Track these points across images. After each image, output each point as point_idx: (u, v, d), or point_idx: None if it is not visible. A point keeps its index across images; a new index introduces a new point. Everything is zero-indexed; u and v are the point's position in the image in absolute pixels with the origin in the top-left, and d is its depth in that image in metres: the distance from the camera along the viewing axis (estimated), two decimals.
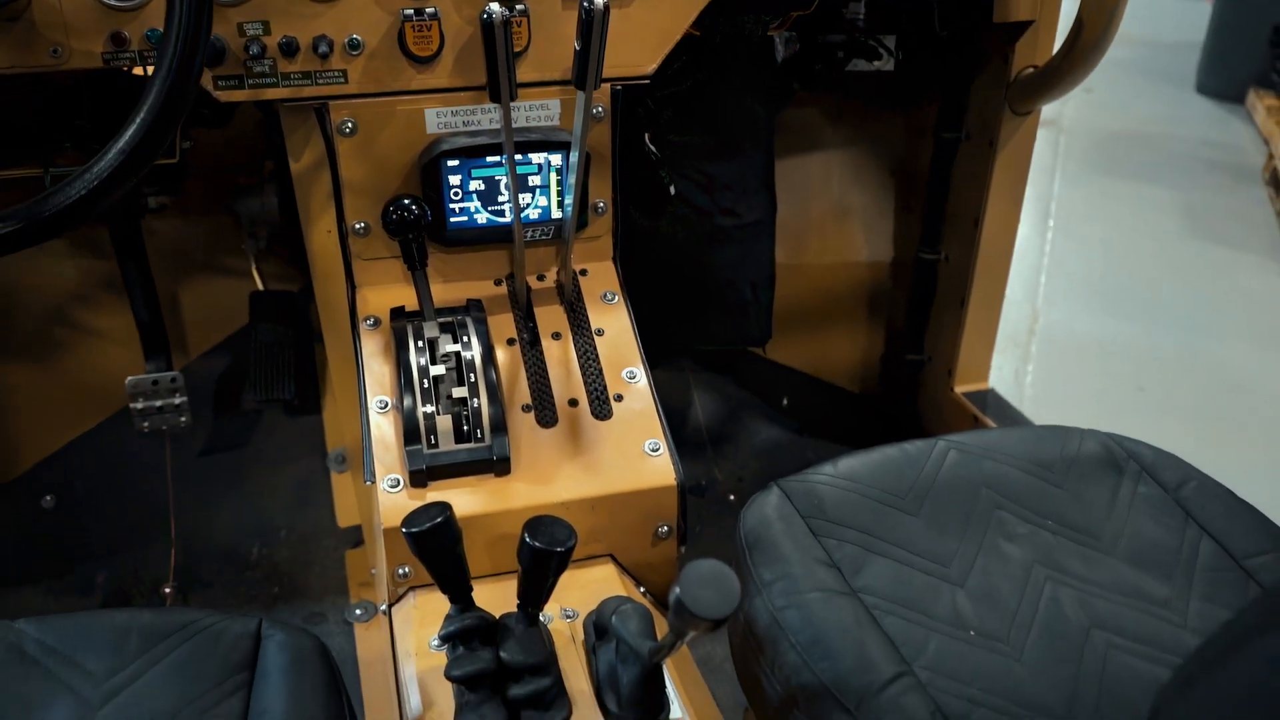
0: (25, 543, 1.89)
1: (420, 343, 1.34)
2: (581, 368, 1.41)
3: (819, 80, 1.89)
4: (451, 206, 1.41)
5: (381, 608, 1.34)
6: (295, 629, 1.07)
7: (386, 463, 1.29)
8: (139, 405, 1.78)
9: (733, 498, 2.05)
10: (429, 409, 1.29)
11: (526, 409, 1.35)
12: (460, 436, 1.29)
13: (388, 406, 1.34)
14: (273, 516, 1.93)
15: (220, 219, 1.91)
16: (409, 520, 1.02)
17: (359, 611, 1.75)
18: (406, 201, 1.39)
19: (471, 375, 1.32)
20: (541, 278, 1.51)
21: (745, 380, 2.23)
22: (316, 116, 1.37)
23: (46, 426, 1.92)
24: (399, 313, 1.41)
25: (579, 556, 1.13)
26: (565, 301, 1.48)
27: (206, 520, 1.92)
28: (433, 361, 1.32)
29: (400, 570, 1.26)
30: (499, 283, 1.49)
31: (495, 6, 1.18)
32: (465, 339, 1.35)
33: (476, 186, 1.41)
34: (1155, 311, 3.29)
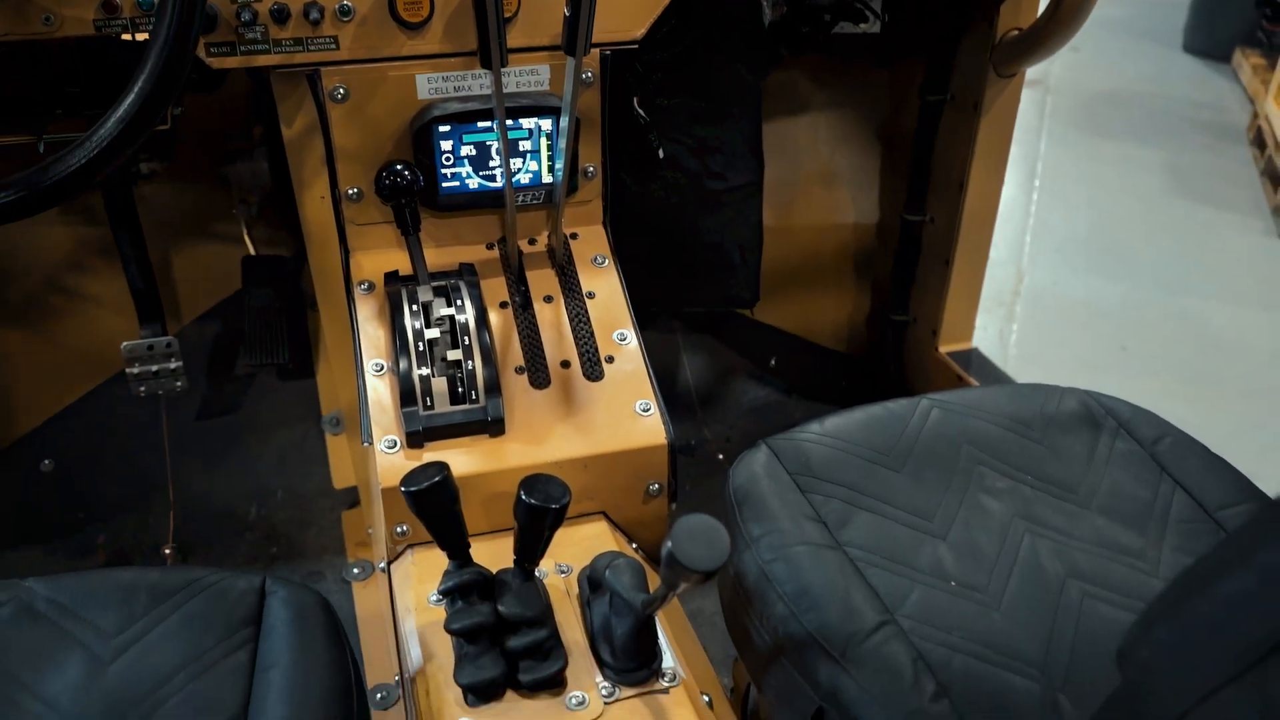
0: (25, 506, 1.91)
1: (415, 306, 1.36)
2: (573, 330, 1.43)
3: (805, 43, 1.90)
4: (443, 172, 1.43)
5: (380, 565, 1.38)
6: (298, 585, 1.11)
7: (383, 424, 1.32)
8: (135, 370, 1.80)
9: (721, 457, 2.09)
10: (424, 371, 1.32)
11: (519, 371, 1.38)
12: (455, 398, 1.32)
13: (383, 369, 1.37)
14: (269, 478, 1.96)
15: (211, 185, 1.92)
16: (408, 479, 1.04)
17: (356, 570, 1.79)
18: (399, 167, 1.41)
19: (465, 338, 1.34)
20: (533, 242, 1.53)
21: (733, 341, 2.26)
22: (308, 83, 1.38)
23: (43, 391, 1.94)
24: (393, 277, 1.43)
25: (572, 514, 1.16)
26: (556, 265, 1.50)
27: (204, 482, 1.95)
28: (427, 325, 1.35)
29: (398, 529, 1.29)
30: (491, 247, 1.51)
31: None
32: (459, 302, 1.37)
33: (468, 152, 1.43)
34: (1139, 271, 3.33)
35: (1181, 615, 0.63)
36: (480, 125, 1.41)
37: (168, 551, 1.87)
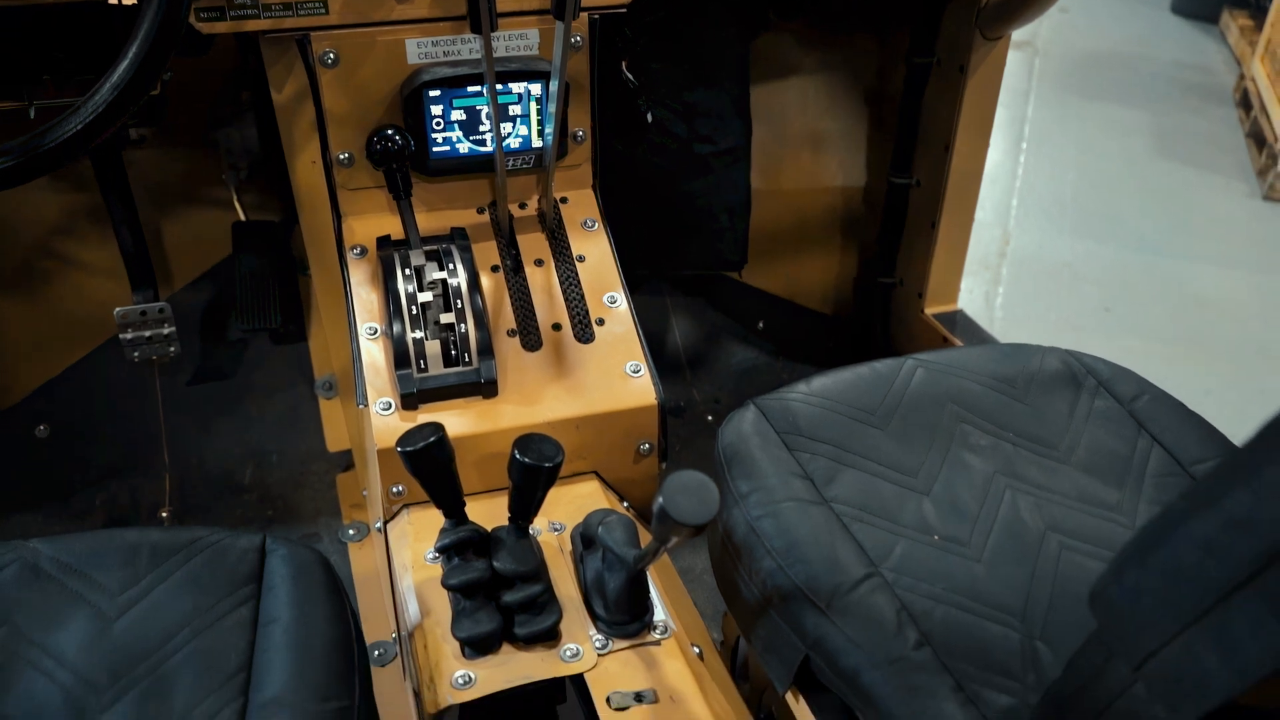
0: (21, 471, 1.93)
1: (407, 270, 1.37)
2: (564, 293, 1.45)
3: (794, 7, 1.91)
4: (434, 136, 1.44)
5: (376, 525, 1.40)
6: (297, 543, 1.13)
7: (378, 386, 1.34)
8: (128, 336, 1.81)
9: (710, 418, 2.12)
10: (418, 334, 1.34)
11: (511, 333, 1.40)
12: (448, 360, 1.34)
13: (377, 333, 1.39)
14: (264, 442, 1.98)
15: (199, 151, 1.92)
16: (404, 440, 1.07)
17: (352, 531, 1.82)
18: (390, 132, 1.42)
19: (458, 301, 1.36)
20: (523, 206, 1.54)
21: (721, 304, 2.28)
22: (298, 48, 1.39)
23: (36, 358, 1.95)
24: (385, 241, 1.44)
25: (565, 474, 1.18)
26: (547, 229, 1.52)
27: (199, 447, 1.97)
28: (420, 288, 1.36)
29: (394, 489, 1.32)
30: (481, 211, 1.53)
31: None
32: (451, 266, 1.38)
33: (458, 116, 1.44)
34: (1124, 233, 3.35)
35: (1149, 560, 0.66)
36: (470, 90, 1.42)
37: (165, 514, 1.89)
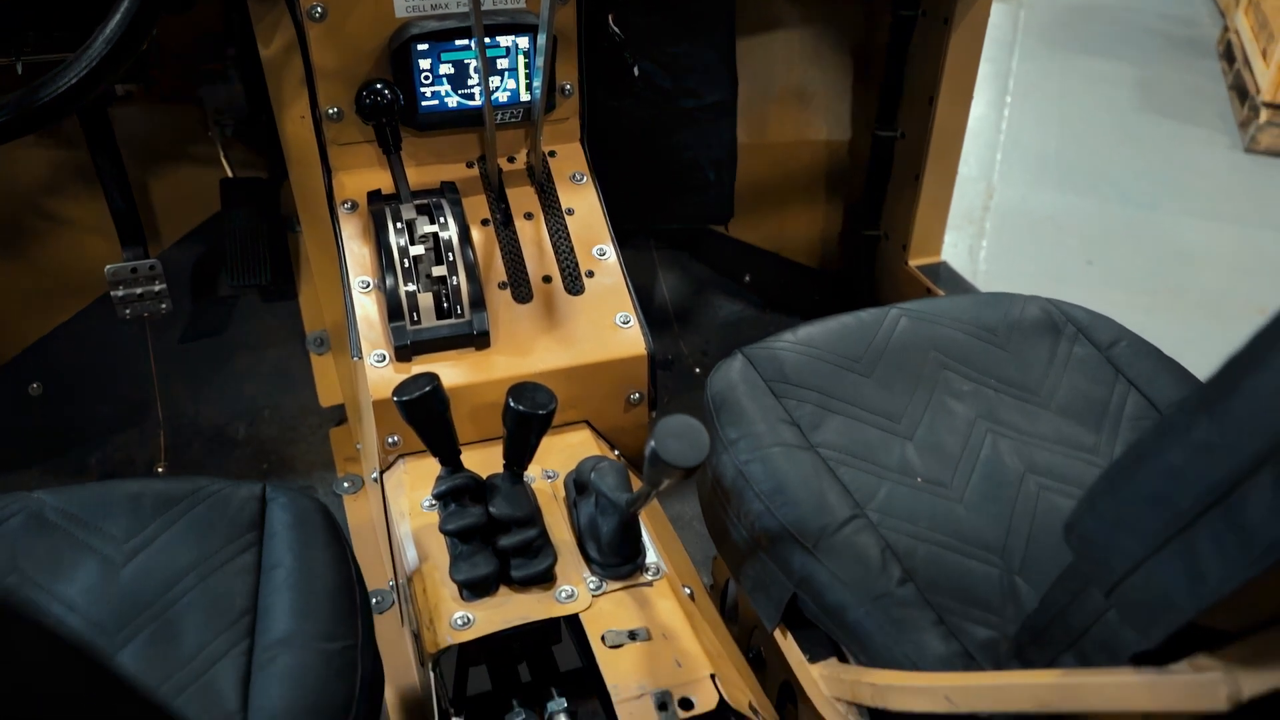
0: (15, 430, 1.94)
1: (399, 224, 1.39)
2: (554, 246, 1.47)
3: None
4: (422, 90, 1.45)
5: (372, 476, 1.43)
6: (297, 492, 1.16)
7: (371, 339, 1.36)
8: (120, 293, 1.82)
9: (698, 370, 2.15)
10: (410, 287, 1.35)
11: (502, 286, 1.42)
12: (441, 313, 1.36)
13: (370, 286, 1.40)
14: (256, 398, 2.00)
15: (185, 107, 1.92)
16: (399, 390, 1.09)
17: (346, 484, 1.84)
18: (379, 86, 1.42)
19: (450, 254, 1.37)
20: (512, 160, 1.55)
21: (708, 258, 2.30)
22: (285, 2, 1.39)
23: (27, 316, 1.96)
24: (376, 196, 1.46)
25: (557, 423, 1.20)
26: (536, 182, 1.53)
27: (192, 402, 1.98)
28: (411, 242, 1.38)
29: (390, 439, 1.34)
30: (470, 165, 1.54)
31: None
32: (442, 220, 1.40)
33: (446, 70, 1.44)
34: (1107, 186, 3.38)
35: (1120, 490, 0.70)
36: (458, 43, 1.43)
37: (160, 470, 1.91)
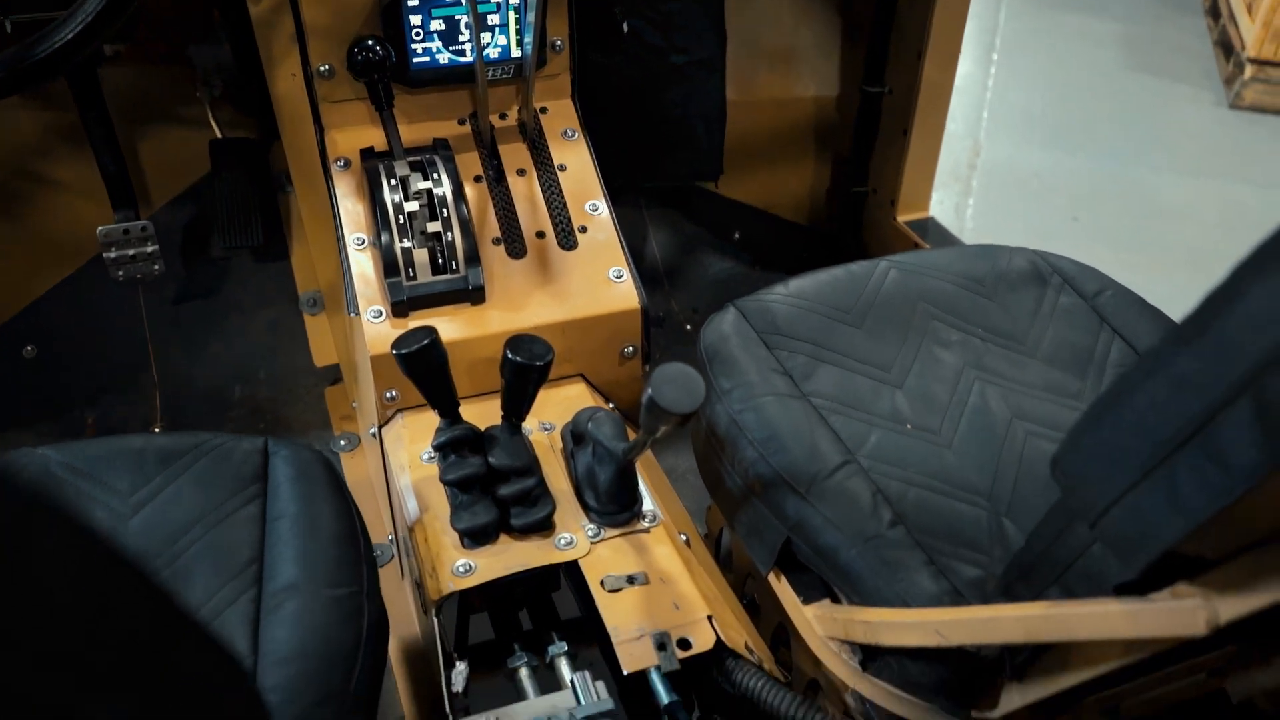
0: (10, 392, 1.95)
1: (393, 181, 1.40)
2: (546, 201, 1.48)
3: None
4: (414, 47, 1.45)
5: (370, 431, 1.45)
6: (298, 444, 1.18)
7: (368, 296, 1.37)
8: (112, 255, 1.82)
9: (689, 327, 2.17)
10: (405, 244, 1.37)
11: (496, 242, 1.43)
12: (436, 269, 1.37)
13: (365, 243, 1.41)
14: (251, 358, 2.01)
15: (172, 68, 1.91)
16: (399, 343, 1.11)
17: (343, 442, 1.86)
18: (370, 42, 1.43)
19: (444, 210, 1.39)
20: (503, 116, 1.56)
21: (698, 216, 2.31)
22: None
23: (19, 279, 1.96)
24: (369, 153, 1.46)
25: (552, 377, 1.23)
26: (528, 139, 1.54)
27: (186, 364, 1.99)
28: (406, 198, 1.39)
29: (388, 394, 1.36)
30: (462, 122, 1.54)
31: None
32: (435, 176, 1.41)
33: (437, 26, 1.45)
34: (1093, 143, 3.39)
35: (1104, 423, 0.72)
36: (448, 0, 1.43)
37: (156, 430, 1.92)
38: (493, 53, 1.48)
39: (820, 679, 1.20)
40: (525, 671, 1.10)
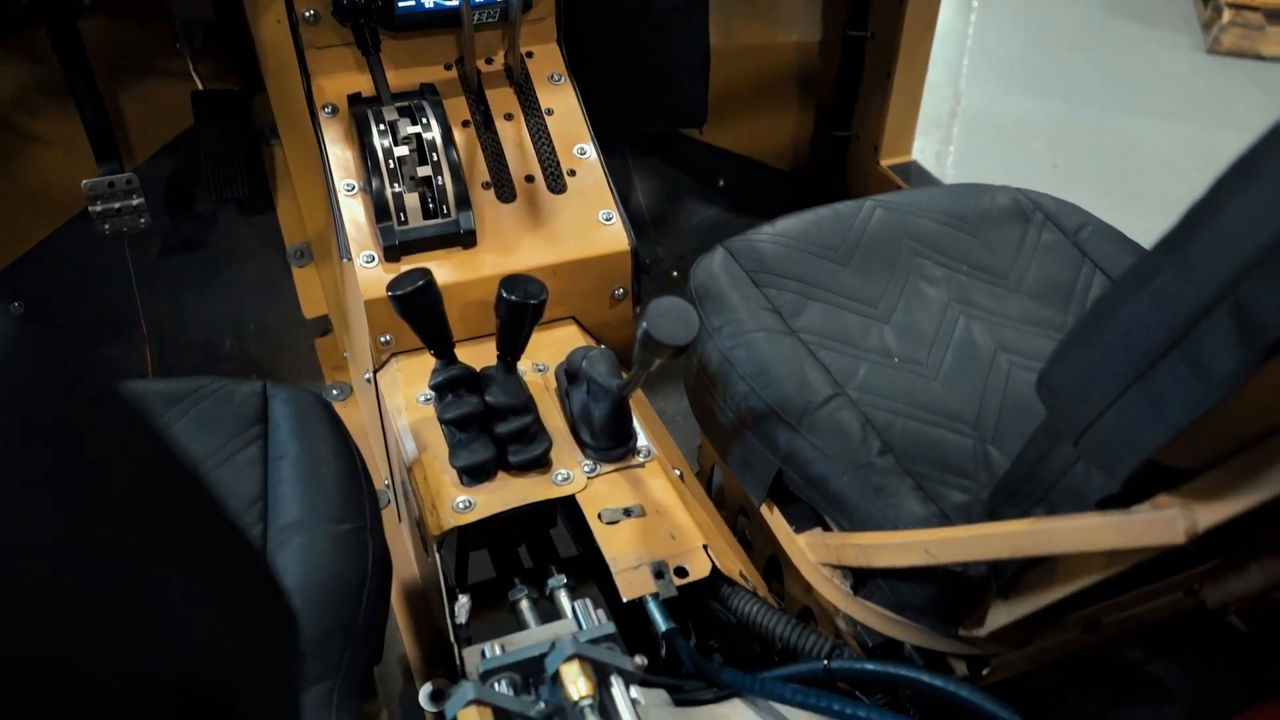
0: None
1: (382, 126, 1.40)
2: (535, 146, 1.49)
3: None
4: None
5: (365, 376, 1.46)
6: (296, 388, 1.19)
7: (360, 241, 1.38)
8: (98, 208, 1.82)
9: (675, 274, 2.19)
10: (396, 188, 1.37)
11: (486, 186, 1.44)
12: (427, 213, 1.38)
13: (355, 189, 1.42)
14: (240, 311, 2.02)
15: (152, 21, 1.89)
16: (394, 285, 1.12)
17: (335, 392, 1.88)
18: None
19: (434, 155, 1.39)
20: (490, 61, 1.56)
21: (682, 163, 2.31)
22: None
23: (5, 234, 1.95)
24: (356, 99, 1.46)
25: (544, 319, 1.25)
26: (514, 83, 1.54)
27: (176, 317, 2.00)
28: (395, 143, 1.39)
29: (382, 339, 1.37)
30: (449, 67, 1.54)
31: None
32: (424, 121, 1.41)
33: None
34: (1072, 90, 3.41)
35: (1088, 339, 0.75)
36: None
37: None
38: None
39: (813, 606, 1.23)
40: (526, 604, 1.13)
